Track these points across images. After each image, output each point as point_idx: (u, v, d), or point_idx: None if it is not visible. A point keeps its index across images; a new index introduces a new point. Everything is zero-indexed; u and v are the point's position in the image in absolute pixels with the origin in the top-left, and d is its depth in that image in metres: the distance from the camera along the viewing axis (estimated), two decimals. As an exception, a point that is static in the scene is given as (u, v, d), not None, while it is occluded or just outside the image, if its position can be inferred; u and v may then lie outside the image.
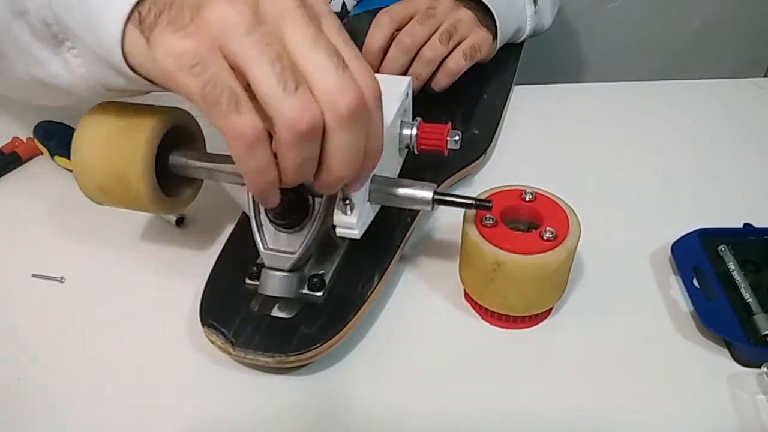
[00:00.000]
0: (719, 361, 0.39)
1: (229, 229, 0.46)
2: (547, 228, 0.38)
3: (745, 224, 0.45)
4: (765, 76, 1.27)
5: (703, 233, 0.44)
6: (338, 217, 0.36)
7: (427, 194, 0.38)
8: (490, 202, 0.38)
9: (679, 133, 0.58)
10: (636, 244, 0.46)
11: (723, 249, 0.43)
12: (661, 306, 0.42)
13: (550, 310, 0.41)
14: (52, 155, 0.54)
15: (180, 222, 0.49)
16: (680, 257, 0.44)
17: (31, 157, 0.57)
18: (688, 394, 0.37)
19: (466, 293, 0.42)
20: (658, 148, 0.56)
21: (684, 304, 0.42)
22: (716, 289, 0.41)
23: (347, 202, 0.36)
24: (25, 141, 0.57)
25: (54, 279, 0.45)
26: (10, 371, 0.40)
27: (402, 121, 0.43)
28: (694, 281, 0.42)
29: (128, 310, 0.43)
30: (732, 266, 0.42)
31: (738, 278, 0.41)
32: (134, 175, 0.38)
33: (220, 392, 0.38)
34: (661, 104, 0.62)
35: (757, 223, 0.45)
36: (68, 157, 0.52)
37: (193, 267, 0.44)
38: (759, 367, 0.37)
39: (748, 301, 0.40)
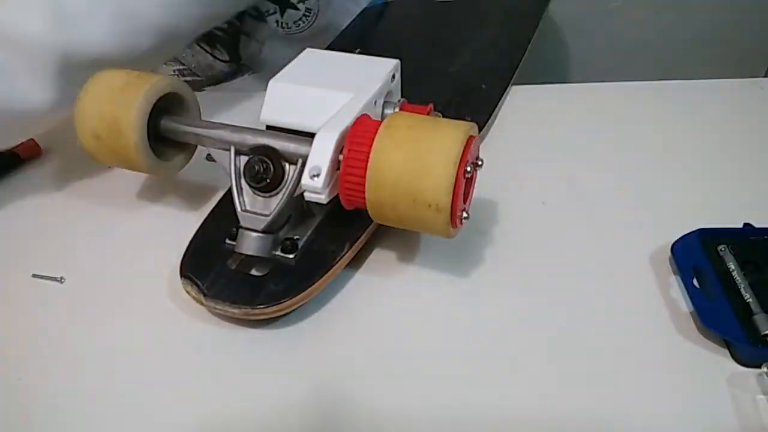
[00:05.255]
0: (719, 361, 0.39)
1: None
2: None
3: (745, 224, 0.45)
4: (765, 76, 1.27)
5: (703, 233, 0.44)
6: (305, 181, 0.38)
7: None
8: None
9: (680, 133, 0.58)
10: (636, 244, 0.46)
11: (723, 249, 0.43)
12: (661, 306, 0.42)
13: None
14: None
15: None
16: (680, 257, 0.44)
17: (31, 157, 0.57)
18: (688, 394, 0.37)
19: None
20: (658, 148, 0.56)
21: (684, 304, 0.42)
22: (716, 289, 0.41)
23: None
24: (24, 141, 0.57)
25: (54, 279, 0.45)
26: (10, 371, 0.40)
27: (385, 102, 0.45)
28: (694, 281, 0.42)
29: (129, 308, 0.43)
30: (732, 266, 0.42)
31: (738, 278, 0.41)
32: (126, 122, 0.42)
33: (229, 387, 0.39)
34: (661, 104, 0.62)
35: (757, 223, 0.45)
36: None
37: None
38: (759, 367, 0.37)
39: (748, 301, 0.40)
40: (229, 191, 0.45)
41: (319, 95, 0.42)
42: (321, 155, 0.38)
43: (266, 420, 0.37)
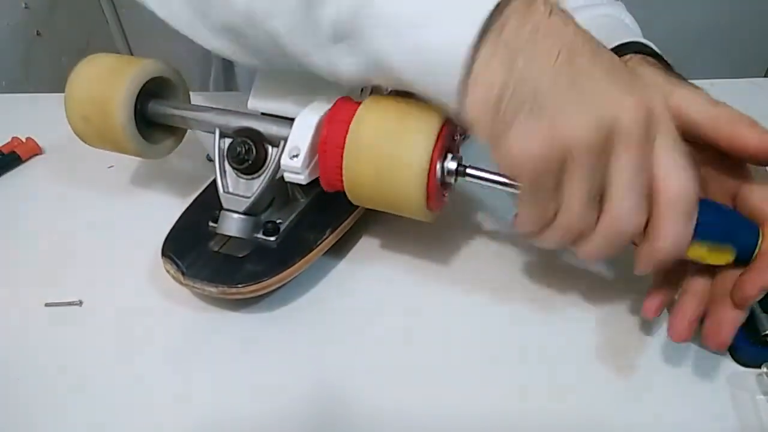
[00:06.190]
0: (719, 361, 0.39)
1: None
2: None
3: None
4: (765, 76, 1.27)
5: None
6: (284, 161, 0.38)
7: None
8: None
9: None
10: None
11: (723, 249, 0.43)
12: (661, 306, 0.42)
13: None
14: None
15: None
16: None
17: (31, 157, 0.57)
18: (688, 394, 0.37)
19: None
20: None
21: (684, 304, 0.42)
22: (716, 289, 0.41)
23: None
24: (24, 141, 0.57)
25: (72, 303, 0.45)
26: (10, 372, 0.40)
27: (372, 90, 0.44)
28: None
29: (130, 306, 0.43)
30: (732, 266, 0.42)
31: (738, 278, 0.41)
32: (114, 104, 0.42)
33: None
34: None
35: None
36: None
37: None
38: (759, 367, 0.37)
39: (748, 301, 0.40)
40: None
41: (306, 83, 0.42)
42: (301, 135, 0.38)
43: (254, 405, 0.37)
